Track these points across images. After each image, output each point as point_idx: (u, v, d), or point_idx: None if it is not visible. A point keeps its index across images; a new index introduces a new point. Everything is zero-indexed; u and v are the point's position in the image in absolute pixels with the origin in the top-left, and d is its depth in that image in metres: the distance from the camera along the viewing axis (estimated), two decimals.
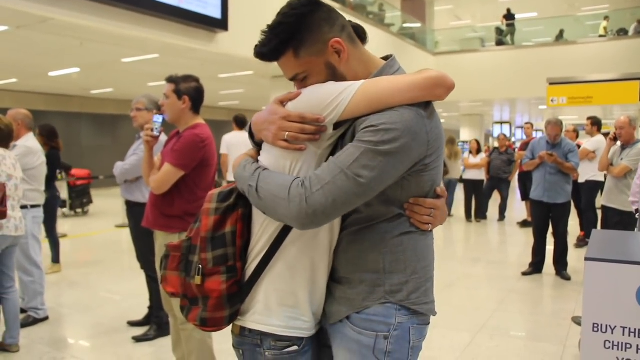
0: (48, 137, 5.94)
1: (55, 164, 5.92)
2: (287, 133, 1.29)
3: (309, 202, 1.22)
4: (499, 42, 17.57)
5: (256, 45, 1.36)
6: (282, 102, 1.33)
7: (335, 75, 1.35)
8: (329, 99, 1.27)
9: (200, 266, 1.41)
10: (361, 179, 1.23)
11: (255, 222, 1.42)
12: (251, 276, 1.41)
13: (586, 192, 7.39)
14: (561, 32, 16.76)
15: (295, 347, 1.39)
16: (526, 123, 10.67)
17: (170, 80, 3.01)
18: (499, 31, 17.75)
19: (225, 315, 1.41)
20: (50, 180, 5.79)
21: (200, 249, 1.41)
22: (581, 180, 7.38)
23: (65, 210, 11.61)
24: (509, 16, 17.82)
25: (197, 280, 1.40)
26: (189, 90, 3.00)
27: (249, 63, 10.34)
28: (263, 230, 1.39)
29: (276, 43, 1.33)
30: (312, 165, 1.32)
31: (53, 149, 5.96)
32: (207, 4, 8.13)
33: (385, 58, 1.46)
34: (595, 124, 7.38)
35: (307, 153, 1.31)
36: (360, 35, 1.60)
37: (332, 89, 1.29)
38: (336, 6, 12.63)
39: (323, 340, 1.51)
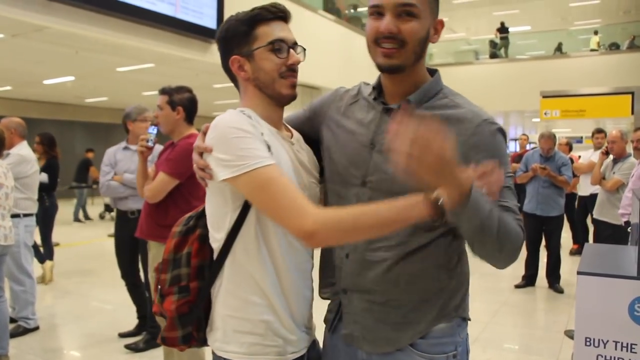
0: (49, 146, 5.92)
1: (55, 173, 5.88)
2: (194, 165, 1.33)
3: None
4: (493, 55, 17.72)
5: None
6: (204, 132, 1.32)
7: (425, 44, 1.31)
8: (229, 155, 1.23)
9: (159, 287, 1.41)
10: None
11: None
12: (198, 298, 1.38)
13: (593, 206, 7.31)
14: (559, 45, 16.87)
15: None
16: (522, 134, 10.70)
17: (163, 92, 3.02)
18: (492, 44, 17.92)
19: (178, 335, 1.39)
20: (51, 189, 5.76)
21: (161, 270, 1.42)
22: (585, 193, 7.32)
23: (114, 214, 11.83)
24: (503, 29, 17.98)
25: (158, 300, 1.41)
26: (183, 101, 3.01)
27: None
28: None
29: None
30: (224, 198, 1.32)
31: (53, 158, 5.92)
32: (203, 14, 8.16)
33: (431, 72, 1.42)
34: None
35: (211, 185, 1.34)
36: None
37: (239, 147, 1.22)
38: (331, 18, 12.71)
39: None
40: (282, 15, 1.38)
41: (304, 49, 1.42)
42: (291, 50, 1.36)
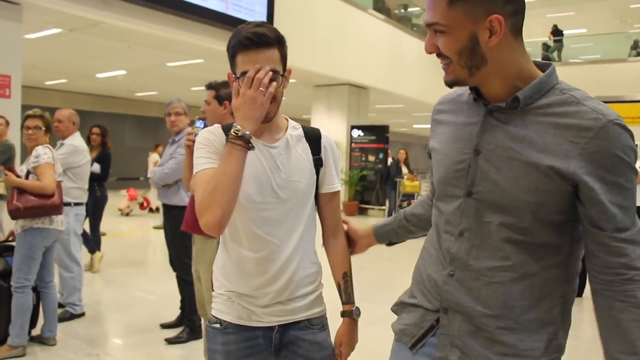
0: (105, 137, 6.08)
1: (108, 164, 6.02)
2: None
3: None
4: (545, 58, 17.21)
5: None
6: None
7: (473, 53, 1.15)
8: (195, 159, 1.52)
9: None
10: None
11: None
12: None
13: None
14: (636, 43, 16.08)
15: (217, 325, 1.60)
16: None
17: (210, 86, 3.04)
18: (545, 47, 17.42)
19: None
20: (103, 180, 5.91)
21: None
22: None
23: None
24: (557, 32, 17.47)
25: None
26: (229, 96, 3.02)
27: (293, 72, 10.40)
28: None
29: None
30: None
31: (106, 149, 6.07)
32: (254, 11, 8.23)
33: (542, 67, 1.23)
34: None
35: None
36: None
37: (196, 160, 1.51)
38: (380, 17, 12.61)
39: (288, 347, 1.57)
40: (251, 45, 1.46)
41: (278, 73, 1.51)
42: None
